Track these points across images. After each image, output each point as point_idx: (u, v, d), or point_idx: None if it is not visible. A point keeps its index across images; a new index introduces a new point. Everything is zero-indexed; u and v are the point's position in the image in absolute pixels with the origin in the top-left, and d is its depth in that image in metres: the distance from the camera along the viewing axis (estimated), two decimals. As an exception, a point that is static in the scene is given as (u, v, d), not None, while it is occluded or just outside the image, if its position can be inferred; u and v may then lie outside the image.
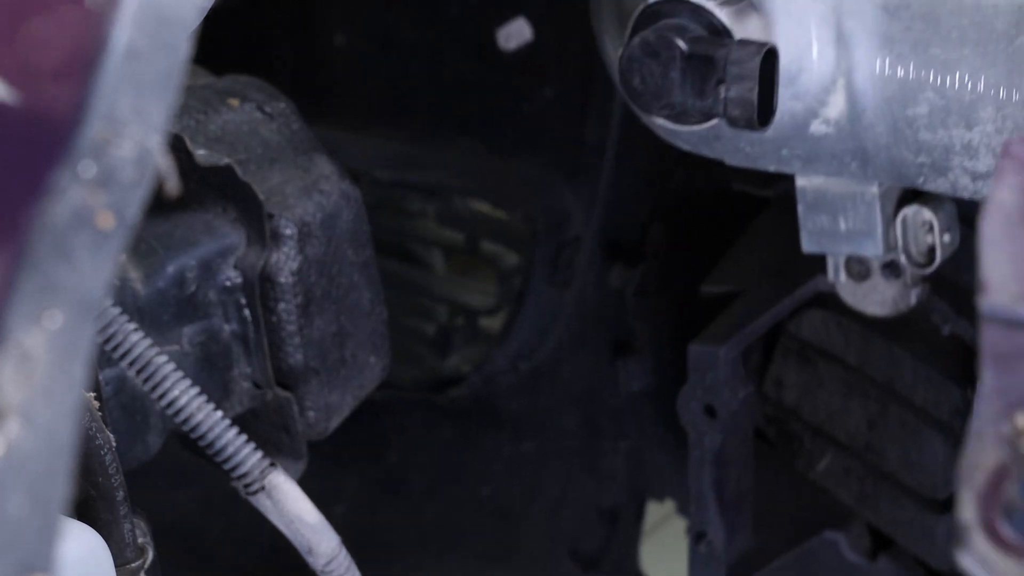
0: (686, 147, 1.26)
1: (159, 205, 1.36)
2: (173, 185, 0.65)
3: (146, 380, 1.09)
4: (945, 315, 1.36)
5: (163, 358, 1.09)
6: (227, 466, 1.11)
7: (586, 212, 1.64)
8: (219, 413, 1.10)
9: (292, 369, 1.34)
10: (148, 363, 1.08)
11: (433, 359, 1.70)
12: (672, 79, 1.16)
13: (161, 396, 1.10)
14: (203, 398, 1.12)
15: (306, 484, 1.68)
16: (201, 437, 1.12)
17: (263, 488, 1.11)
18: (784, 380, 1.48)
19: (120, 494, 1.10)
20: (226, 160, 1.30)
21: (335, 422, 1.40)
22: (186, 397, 1.11)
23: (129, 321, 1.07)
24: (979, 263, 0.72)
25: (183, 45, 0.64)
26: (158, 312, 1.28)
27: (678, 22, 1.18)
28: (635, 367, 1.65)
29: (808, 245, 1.27)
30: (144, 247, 1.27)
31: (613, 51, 1.30)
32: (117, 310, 1.09)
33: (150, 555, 1.14)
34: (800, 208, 1.26)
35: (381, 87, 1.60)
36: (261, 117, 1.37)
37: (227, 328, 1.32)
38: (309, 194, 1.33)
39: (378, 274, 1.42)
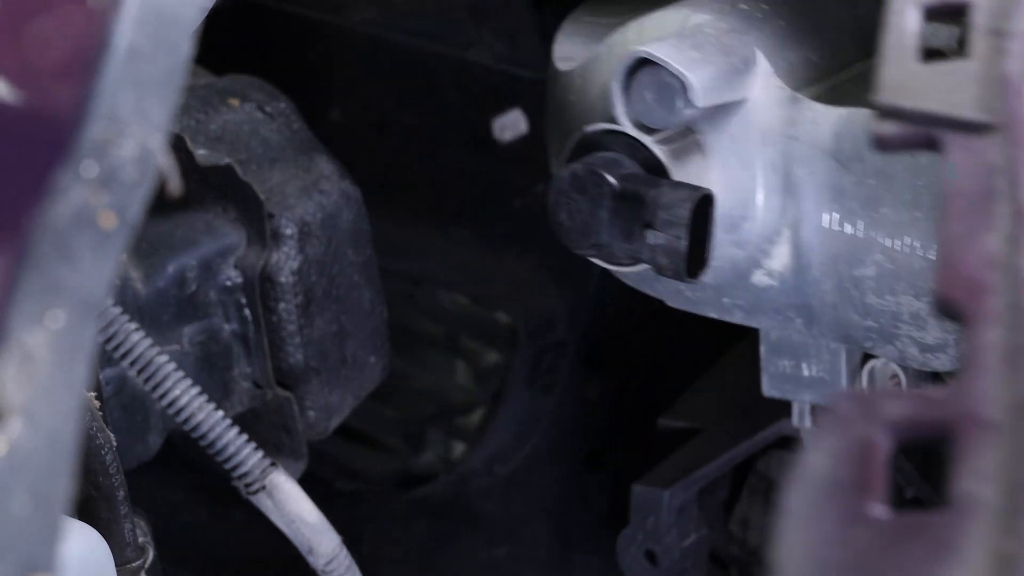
0: (628, 283, 1.20)
1: (159, 205, 1.36)
2: (175, 185, 0.65)
3: (147, 380, 1.08)
4: (909, 477, 1.30)
5: (164, 358, 1.09)
6: (228, 466, 1.10)
7: (570, 317, 1.58)
8: (220, 413, 1.10)
9: (292, 369, 1.34)
10: (149, 363, 1.08)
11: (406, 453, 1.67)
12: (600, 217, 1.08)
13: (162, 396, 1.10)
14: (203, 398, 1.11)
15: (272, 560, 1.68)
16: (202, 437, 1.11)
17: (264, 488, 1.11)
18: (750, 520, 1.42)
19: (121, 494, 1.10)
20: (226, 160, 1.30)
21: (335, 422, 1.40)
22: (187, 397, 1.10)
23: (130, 321, 1.06)
24: (774, 542, 0.63)
25: (185, 45, 0.64)
26: (158, 312, 1.28)
27: (613, 156, 1.10)
28: (607, 486, 1.60)
29: (769, 389, 1.19)
30: (144, 247, 1.27)
31: None
32: (118, 310, 1.08)
33: (151, 555, 1.14)
34: (762, 350, 1.18)
35: (374, 168, 1.54)
36: (261, 117, 1.37)
37: (227, 328, 1.32)
38: (309, 194, 1.34)
39: (378, 273, 1.42)
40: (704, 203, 1.07)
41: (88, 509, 1.08)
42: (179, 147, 1.28)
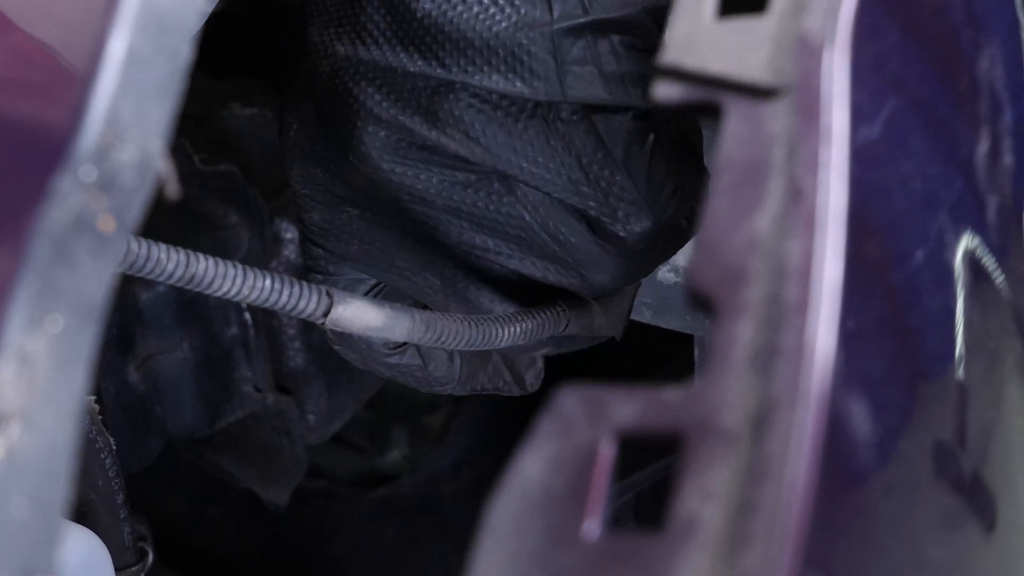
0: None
1: (159, 208, 1.36)
2: (173, 189, 0.65)
3: (179, 281, 0.96)
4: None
5: (192, 255, 0.93)
6: (293, 315, 1.01)
7: None
8: (266, 280, 0.95)
9: (293, 373, 1.34)
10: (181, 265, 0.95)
11: (372, 452, 1.66)
12: None
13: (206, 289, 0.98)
14: (245, 272, 0.94)
15: (245, 560, 1.66)
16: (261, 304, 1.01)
17: (330, 321, 1.01)
18: None
19: (120, 497, 1.10)
20: (228, 164, 1.30)
21: (336, 426, 1.40)
22: (230, 284, 0.98)
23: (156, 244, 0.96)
24: (471, 564, 0.57)
25: (184, 50, 0.65)
26: (159, 316, 1.28)
27: None
28: None
29: None
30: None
31: None
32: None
33: (150, 558, 1.14)
34: (696, 354, 1.17)
35: None
36: (263, 121, 1.37)
37: (228, 332, 1.32)
38: (310, 198, 1.34)
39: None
40: None
41: (87, 513, 1.08)
42: (180, 151, 1.29)
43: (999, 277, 0.83)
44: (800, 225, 0.61)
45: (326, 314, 0.95)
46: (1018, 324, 0.87)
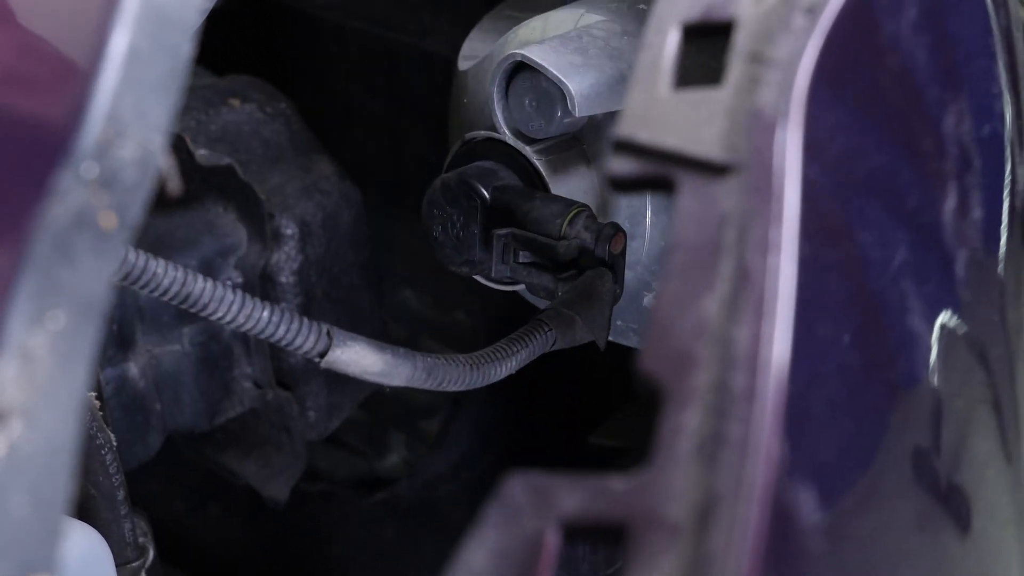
0: (525, 297, 1.14)
1: (160, 205, 1.36)
2: (175, 185, 0.65)
3: (183, 302, 0.96)
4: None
5: (192, 275, 0.96)
6: (290, 348, 0.99)
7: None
8: (265, 311, 0.97)
9: (292, 369, 1.34)
10: (182, 285, 0.95)
11: (370, 456, 1.65)
12: (474, 233, 1.03)
13: (203, 310, 0.96)
14: (246, 299, 0.98)
15: (245, 559, 1.66)
16: (258, 334, 0.99)
17: (325, 360, 1.01)
18: None
19: (121, 493, 1.10)
20: (227, 160, 1.30)
21: (335, 422, 1.40)
22: (225, 309, 0.97)
23: (154, 257, 0.95)
24: None
25: (185, 46, 0.65)
26: (159, 312, 1.28)
27: (491, 166, 1.03)
28: None
29: None
30: (145, 247, 1.27)
31: None
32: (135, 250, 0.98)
33: (151, 554, 1.14)
34: None
35: (341, 156, 1.51)
36: (262, 117, 1.37)
37: (228, 328, 1.32)
38: (310, 194, 1.34)
39: (378, 276, 1.42)
40: (580, 217, 1.00)
41: (88, 509, 1.09)
42: (180, 147, 1.28)
43: (963, 329, 0.81)
44: (749, 310, 0.60)
45: (323, 355, 0.95)
46: (984, 366, 0.85)
